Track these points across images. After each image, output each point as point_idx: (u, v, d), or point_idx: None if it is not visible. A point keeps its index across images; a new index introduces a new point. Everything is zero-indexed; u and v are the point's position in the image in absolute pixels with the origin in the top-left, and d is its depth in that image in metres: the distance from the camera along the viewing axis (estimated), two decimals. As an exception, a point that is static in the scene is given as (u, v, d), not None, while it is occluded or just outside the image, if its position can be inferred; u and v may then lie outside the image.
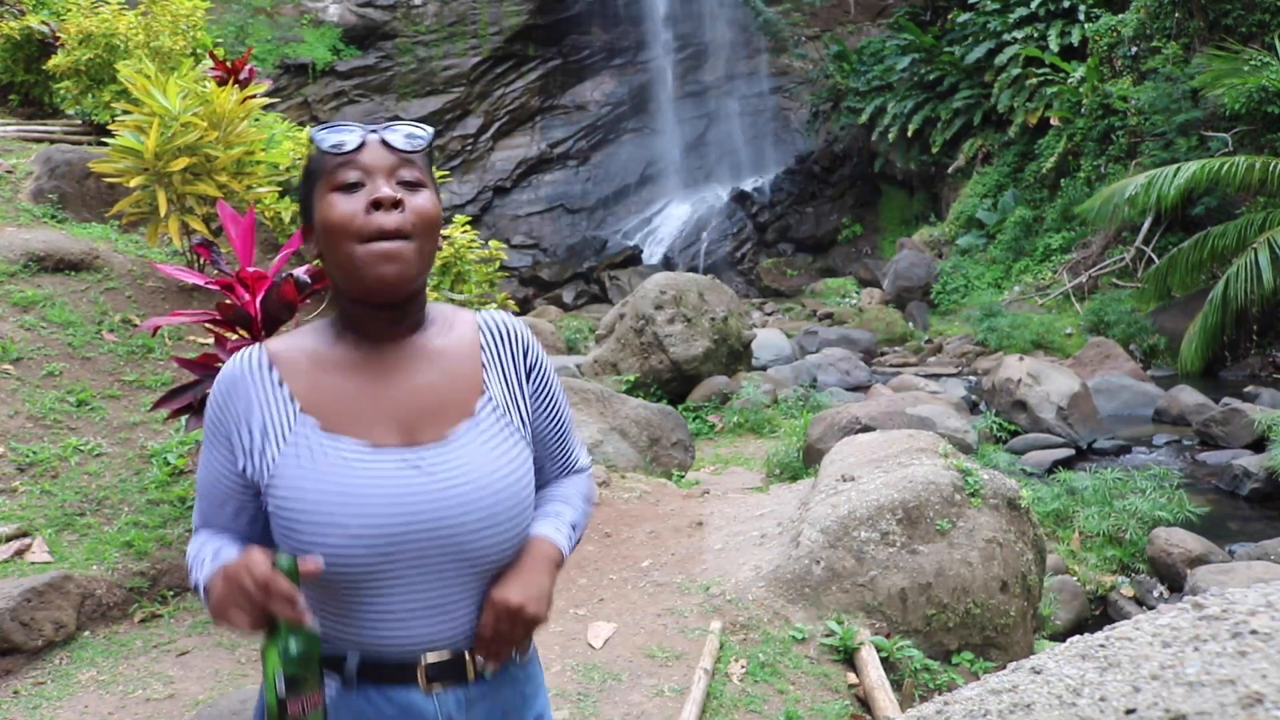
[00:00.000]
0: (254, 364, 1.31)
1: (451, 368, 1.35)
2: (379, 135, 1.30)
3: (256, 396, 1.29)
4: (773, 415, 9.34)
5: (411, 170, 1.30)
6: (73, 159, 6.80)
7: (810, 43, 23.22)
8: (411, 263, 1.25)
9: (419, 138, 1.33)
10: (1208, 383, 10.37)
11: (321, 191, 1.29)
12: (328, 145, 1.29)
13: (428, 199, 1.29)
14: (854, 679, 3.51)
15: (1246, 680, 0.68)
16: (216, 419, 1.32)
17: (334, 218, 1.25)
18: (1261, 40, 12.81)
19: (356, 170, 1.27)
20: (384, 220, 1.24)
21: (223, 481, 1.32)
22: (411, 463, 1.26)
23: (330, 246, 1.26)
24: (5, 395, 4.54)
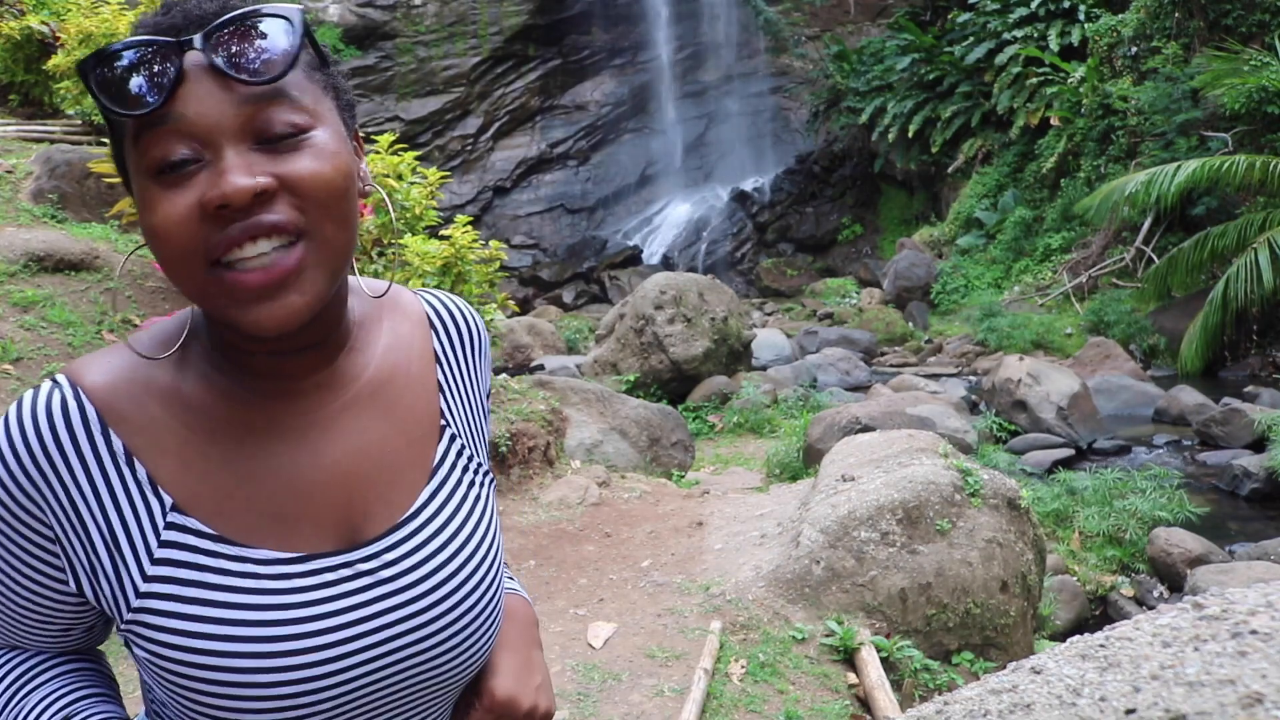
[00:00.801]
0: (74, 425, 0.76)
1: (399, 404, 0.87)
2: (205, 56, 0.71)
3: (87, 478, 0.76)
4: (773, 415, 9.34)
5: (280, 109, 0.73)
6: (73, 159, 6.80)
7: (810, 43, 23.22)
8: (310, 283, 0.73)
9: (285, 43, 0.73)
10: (1208, 383, 10.37)
11: (134, 168, 0.74)
12: (105, 89, 0.71)
13: (319, 156, 0.73)
14: (854, 679, 3.51)
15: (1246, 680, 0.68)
16: (13, 507, 0.77)
17: (157, 228, 0.71)
18: (1261, 40, 12.81)
19: (178, 138, 0.70)
20: (242, 232, 0.70)
21: (39, 596, 0.81)
22: (359, 573, 0.81)
23: (163, 265, 0.74)
24: (5, 395, 4.54)
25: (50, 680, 0.86)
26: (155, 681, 0.80)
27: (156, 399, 0.79)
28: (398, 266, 5.64)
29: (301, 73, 0.76)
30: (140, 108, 0.70)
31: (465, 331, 0.96)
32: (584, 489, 5.41)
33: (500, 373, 9.36)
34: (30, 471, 0.76)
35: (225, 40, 0.71)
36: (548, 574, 4.43)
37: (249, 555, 0.78)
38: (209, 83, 0.71)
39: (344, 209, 0.75)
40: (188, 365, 0.81)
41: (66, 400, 0.77)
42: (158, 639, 0.77)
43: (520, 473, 5.48)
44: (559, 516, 5.13)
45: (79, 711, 0.83)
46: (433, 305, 0.95)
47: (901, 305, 16.21)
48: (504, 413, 5.61)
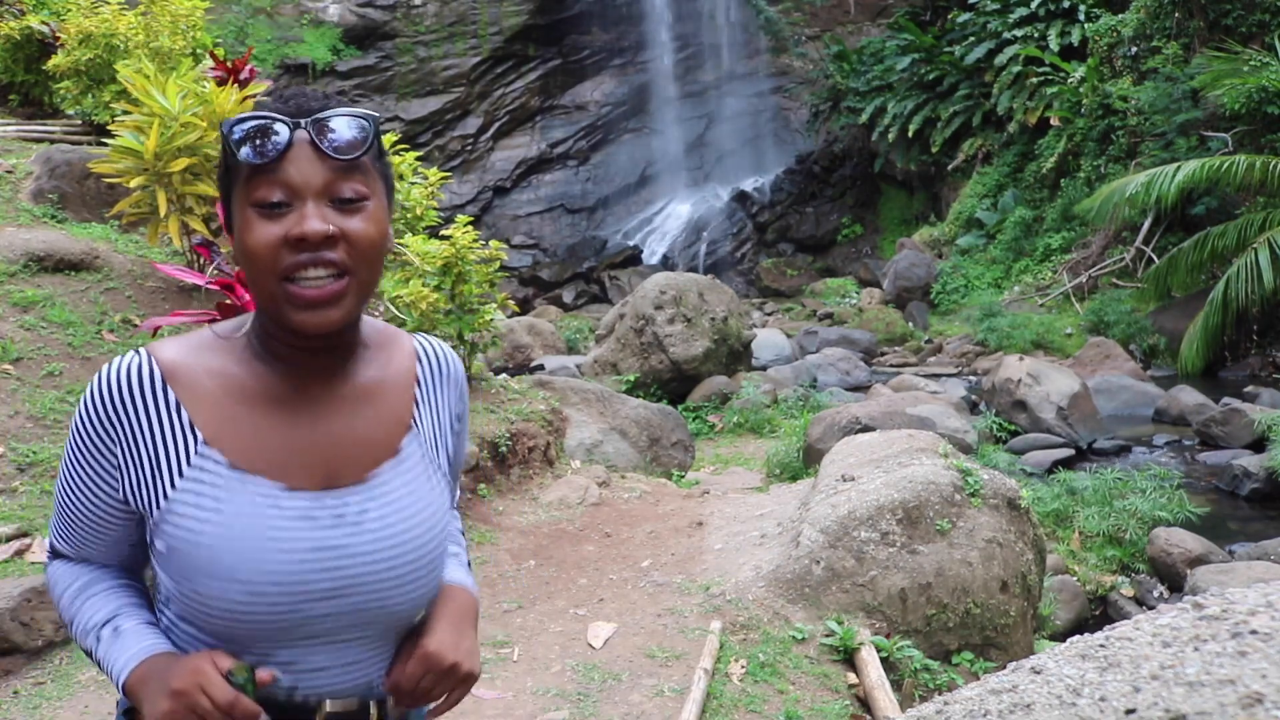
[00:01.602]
0: (144, 380, 1.10)
1: (382, 402, 1.19)
2: (309, 135, 1.05)
3: (146, 420, 1.09)
4: (773, 415, 9.34)
5: (351, 182, 1.06)
6: (73, 159, 6.80)
7: (810, 43, 23.22)
8: (346, 305, 1.06)
9: (360, 137, 1.07)
10: (1208, 383, 10.37)
11: (239, 199, 1.07)
12: (241, 152, 1.04)
13: (370, 220, 1.07)
14: (854, 679, 3.51)
15: (1246, 680, 0.68)
16: (91, 439, 1.11)
17: (250, 246, 1.04)
18: (1261, 40, 12.81)
19: (279, 187, 1.04)
20: (310, 260, 1.03)
21: (98, 509, 1.15)
22: (331, 509, 1.11)
23: (248, 272, 1.07)
24: (5, 395, 4.54)
25: (104, 590, 1.20)
26: (166, 572, 1.10)
27: (205, 371, 1.12)
28: (397, 267, 5.64)
29: (368, 159, 1.10)
30: (260, 159, 1.04)
31: (440, 366, 1.28)
32: (584, 489, 5.41)
33: (500, 373, 9.36)
34: (109, 409, 1.10)
35: (324, 126, 1.06)
36: (548, 574, 4.43)
37: (250, 480, 1.09)
38: (308, 153, 1.05)
39: (377, 261, 1.10)
40: (236, 353, 1.14)
41: (142, 363, 1.11)
42: (175, 533, 1.08)
43: (520, 473, 5.48)
44: (559, 516, 5.13)
45: (121, 614, 1.17)
46: (421, 345, 1.29)
47: (901, 305, 16.21)
48: (504, 413, 5.61)
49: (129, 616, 1.16)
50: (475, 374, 5.91)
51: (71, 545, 1.21)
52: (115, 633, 1.14)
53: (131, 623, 1.15)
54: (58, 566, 1.23)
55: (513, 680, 3.42)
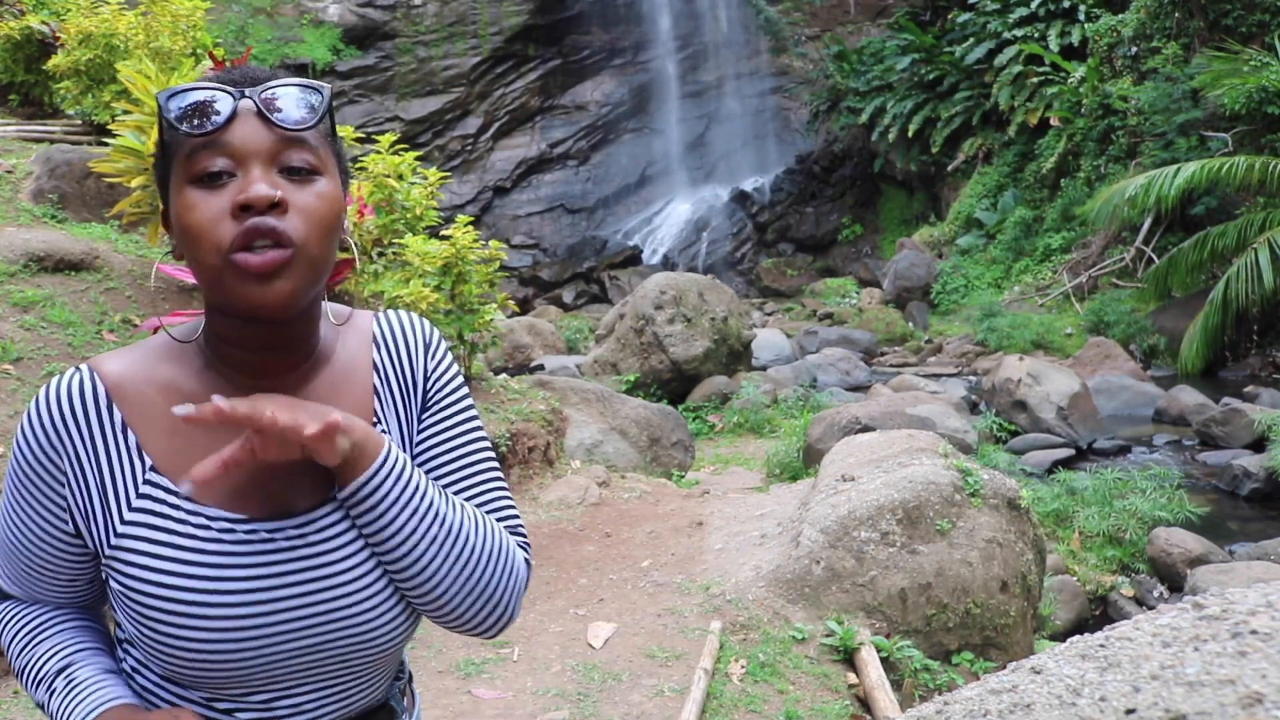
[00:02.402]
0: (87, 399, 0.98)
1: (338, 401, 1.04)
2: (254, 101, 0.95)
3: (90, 445, 0.98)
4: (773, 415, 9.34)
5: (301, 151, 0.96)
6: (73, 159, 6.80)
7: (810, 43, 23.22)
8: (294, 279, 0.93)
9: (311, 103, 0.97)
10: (1208, 383, 10.37)
11: (177, 178, 0.95)
12: (179, 118, 0.94)
13: (323, 192, 0.97)
14: (854, 679, 3.51)
15: (1246, 680, 0.68)
16: (34, 468, 0.99)
17: (191, 222, 0.92)
18: (1261, 40, 12.81)
19: (222, 155, 0.93)
20: (255, 226, 0.91)
21: (47, 546, 1.02)
22: (291, 539, 0.99)
23: (189, 255, 0.94)
24: (5, 395, 4.54)
25: (57, 634, 1.08)
26: (124, 613, 0.99)
27: (154, 386, 1.00)
28: (397, 267, 5.64)
29: (319, 132, 1.00)
30: (201, 130, 0.93)
31: (402, 344, 1.11)
32: (584, 489, 5.41)
33: (500, 373, 9.36)
34: (51, 433, 0.98)
35: (270, 96, 0.96)
36: (548, 574, 4.43)
37: (203, 512, 0.98)
38: (253, 121, 0.95)
39: (328, 237, 0.98)
40: (187, 363, 1.03)
41: (84, 381, 1.00)
42: (127, 571, 0.97)
43: (520, 473, 5.48)
44: (559, 516, 5.13)
45: (76, 662, 1.05)
46: (380, 324, 1.12)
47: (901, 305, 16.21)
48: (504, 413, 5.61)
49: (85, 664, 1.05)
50: (475, 374, 5.91)
51: (19, 585, 1.08)
52: (70, 683, 1.03)
53: (88, 671, 1.04)
54: (5, 609, 1.11)
55: (513, 680, 3.42)
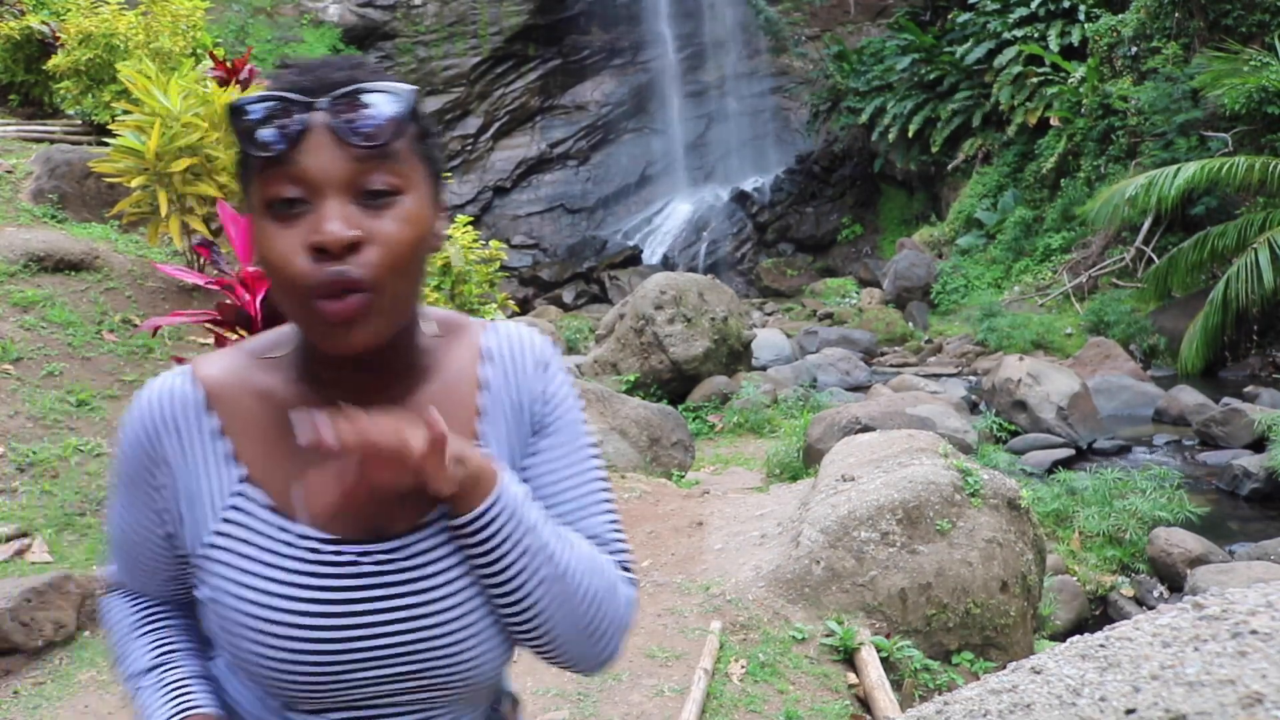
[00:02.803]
0: (183, 403, 0.96)
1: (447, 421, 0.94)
2: (327, 119, 0.85)
3: (185, 449, 0.95)
4: (773, 415, 9.34)
5: (381, 172, 0.87)
6: (73, 159, 6.80)
7: (810, 43, 23.21)
8: (373, 326, 0.87)
9: (393, 116, 0.87)
10: (1208, 383, 10.37)
11: (254, 197, 0.88)
12: (245, 133, 0.86)
13: (404, 219, 0.87)
14: (854, 679, 3.51)
15: (1246, 680, 0.68)
16: (134, 468, 0.98)
17: (266, 256, 0.87)
18: (1261, 40, 12.81)
19: (293, 183, 0.85)
20: (332, 277, 0.84)
21: (150, 545, 1.01)
22: (381, 564, 0.94)
23: (271, 282, 0.90)
24: (5, 395, 4.54)
25: (155, 630, 1.07)
26: (209, 619, 0.97)
27: (251, 393, 0.97)
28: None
29: (404, 142, 0.89)
30: (267, 150, 0.85)
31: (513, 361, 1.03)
32: (584, 489, 5.39)
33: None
34: (150, 435, 0.96)
35: (346, 107, 0.86)
36: (548, 574, 4.42)
37: (291, 528, 0.94)
38: (327, 140, 0.85)
39: (412, 269, 0.90)
40: (283, 371, 0.98)
41: (183, 384, 0.97)
42: (213, 581, 0.95)
43: (520, 473, 5.47)
44: (559, 516, 5.11)
45: (166, 662, 1.04)
46: (490, 337, 1.05)
47: (901, 305, 16.21)
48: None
49: (175, 665, 1.04)
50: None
51: (125, 577, 1.09)
52: (158, 683, 1.02)
53: (176, 673, 1.03)
54: (112, 600, 1.12)
55: (512, 679, 3.42)
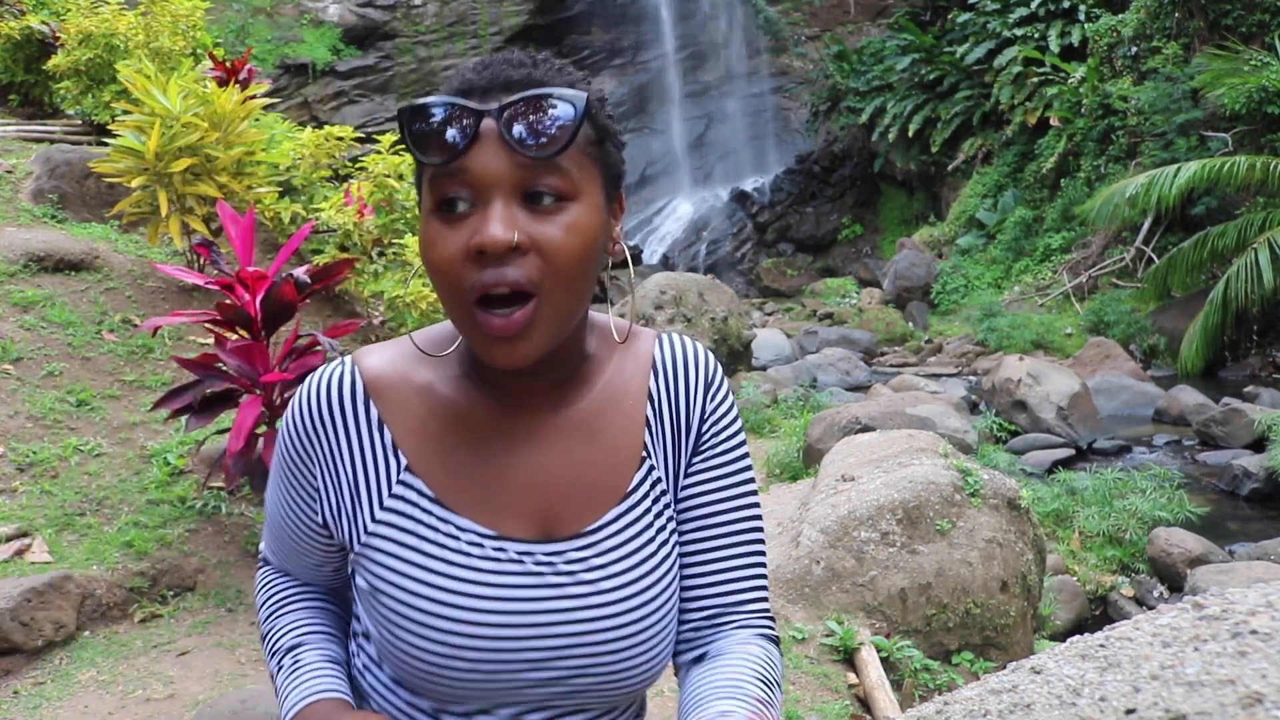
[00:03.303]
0: (346, 392, 0.96)
1: (609, 431, 0.98)
2: (499, 124, 0.84)
3: (346, 439, 0.96)
4: (773, 415, 9.34)
5: (549, 177, 0.85)
6: (73, 159, 6.80)
7: (810, 43, 23.22)
8: (536, 339, 0.86)
9: (562, 120, 0.85)
10: (1208, 383, 10.37)
11: (424, 199, 0.89)
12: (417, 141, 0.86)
13: (570, 227, 0.86)
14: (854, 679, 3.51)
15: (1246, 680, 0.68)
16: (295, 455, 0.99)
17: (430, 259, 0.87)
18: (1261, 40, 12.81)
19: (462, 185, 0.85)
20: (493, 279, 0.83)
21: (301, 530, 1.03)
22: (545, 564, 0.93)
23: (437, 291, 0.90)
24: (5, 395, 4.54)
25: (299, 610, 1.09)
26: (366, 610, 0.96)
27: (412, 386, 0.97)
28: (397, 267, 5.63)
29: (576, 149, 0.87)
30: (438, 158, 0.85)
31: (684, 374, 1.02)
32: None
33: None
34: (309, 424, 0.96)
35: (517, 114, 0.84)
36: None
37: (455, 520, 0.93)
38: (496, 146, 0.84)
39: (579, 279, 0.88)
40: (447, 367, 0.98)
41: (344, 374, 0.97)
42: (374, 571, 0.94)
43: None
44: (559, 516, 5.12)
45: (306, 644, 1.05)
46: (661, 349, 1.04)
47: (901, 305, 16.21)
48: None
49: (314, 647, 1.05)
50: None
51: (276, 557, 1.12)
52: (295, 664, 1.03)
53: (313, 655, 1.04)
54: (263, 574, 1.15)
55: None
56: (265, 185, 5.80)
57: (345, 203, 5.79)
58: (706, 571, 1.02)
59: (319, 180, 6.51)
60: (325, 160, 6.44)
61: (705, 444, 1.02)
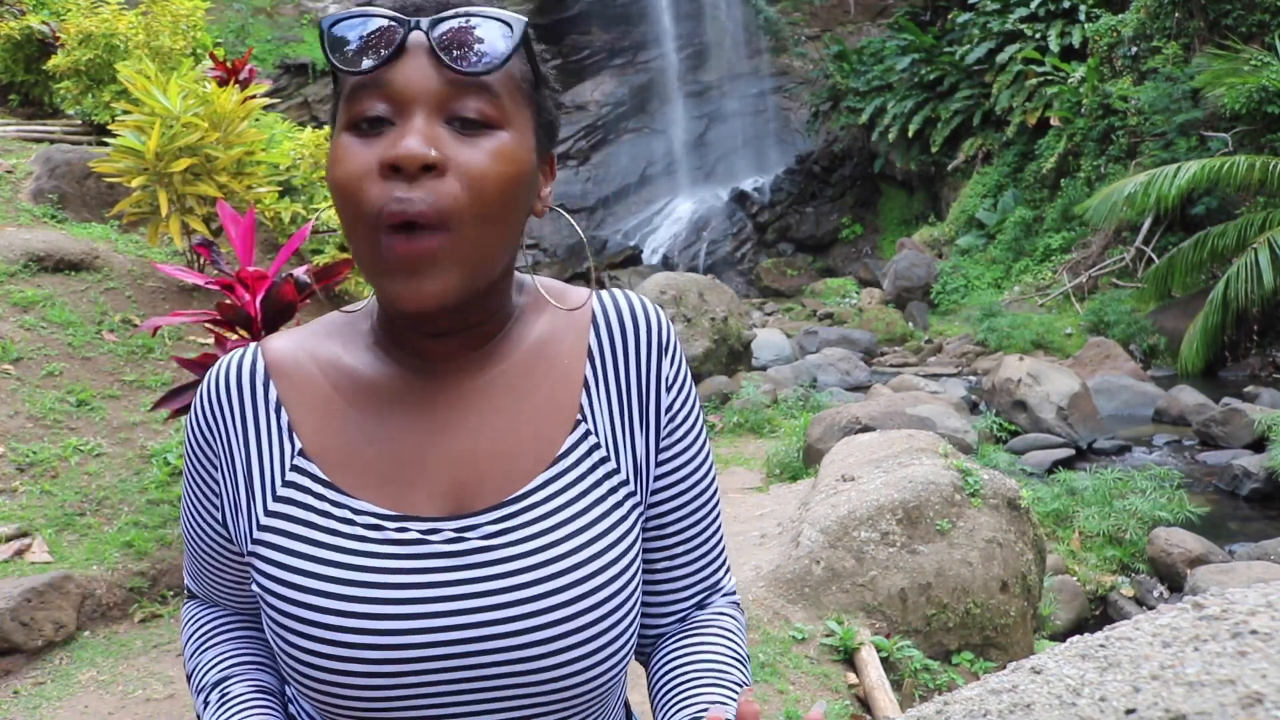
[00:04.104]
0: (245, 374, 0.86)
1: (539, 390, 0.86)
2: (429, 37, 0.75)
3: (243, 424, 0.85)
4: (773, 415, 9.33)
5: (478, 99, 0.76)
6: (73, 159, 6.80)
7: (810, 43, 23.22)
8: (446, 276, 0.74)
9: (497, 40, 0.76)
10: (1208, 383, 10.37)
11: (337, 124, 0.79)
12: (333, 46, 0.76)
13: (499, 150, 0.76)
14: (854, 679, 3.51)
15: (1246, 680, 0.68)
16: (194, 450, 0.89)
17: (335, 176, 0.76)
18: (1261, 40, 12.81)
19: (382, 99, 0.75)
20: (402, 199, 0.72)
21: (208, 540, 0.92)
22: (455, 543, 0.80)
23: (340, 218, 0.78)
24: (5, 395, 4.54)
25: (223, 642, 0.99)
26: (264, 619, 0.84)
27: (316, 363, 0.87)
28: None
29: (508, 76, 0.79)
30: (357, 68, 0.75)
31: (627, 329, 0.90)
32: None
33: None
34: (208, 412, 0.87)
35: (450, 29, 0.76)
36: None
37: (350, 504, 0.82)
38: (423, 60, 0.75)
39: (500, 212, 0.77)
40: (356, 341, 0.88)
41: (246, 356, 0.88)
42: (266, 571, 0.83)
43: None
44: (559, 516, 5.12)
45: (232, 677, 0.95)
46: (602, 303, 0.91)
47: (901, 305, 16.21)
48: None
49: (242, 678, 0.95)
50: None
51: (196, 583, 1.00)
52: (222, 699, 0.92)
53: (242, 687, 0.93)
54: (187, 610, 1.03)
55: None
56: (265, 185, 5.80)
57: (345, 203, 5.79)
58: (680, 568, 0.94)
59: (319, 180, 6.51)
60: (325, 160, 6.44)
61: (670, 425, 0.90)
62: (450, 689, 0.80)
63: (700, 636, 0.93)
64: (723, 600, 0.98)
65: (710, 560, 0.96)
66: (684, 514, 0.93)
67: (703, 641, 0.93)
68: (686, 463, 0.92)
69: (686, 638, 0.94)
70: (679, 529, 0.93)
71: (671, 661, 0.93)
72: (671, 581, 0.95)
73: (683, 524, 0.93)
